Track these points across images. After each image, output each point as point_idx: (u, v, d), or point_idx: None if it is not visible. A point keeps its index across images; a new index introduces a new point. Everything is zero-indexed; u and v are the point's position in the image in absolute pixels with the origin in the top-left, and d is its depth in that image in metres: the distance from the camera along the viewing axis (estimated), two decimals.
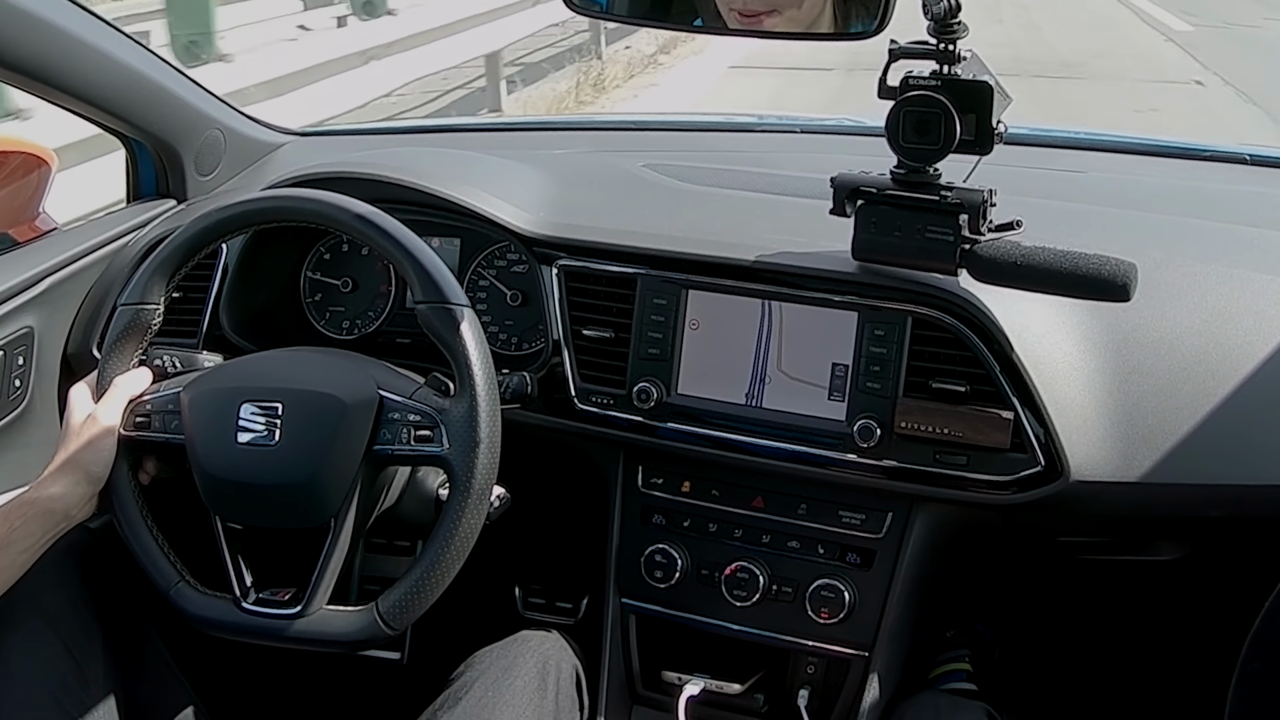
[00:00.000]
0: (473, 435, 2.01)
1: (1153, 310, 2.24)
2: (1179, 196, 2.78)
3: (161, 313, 2.20)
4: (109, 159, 3.84)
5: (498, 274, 2.64)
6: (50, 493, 2.06)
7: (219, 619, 2.09)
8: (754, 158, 3.07)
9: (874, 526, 2.34)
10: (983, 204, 2.07)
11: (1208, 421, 2.19)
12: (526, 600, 3.17)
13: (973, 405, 2.19)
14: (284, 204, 2.21)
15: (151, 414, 2.16)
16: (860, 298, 2.25)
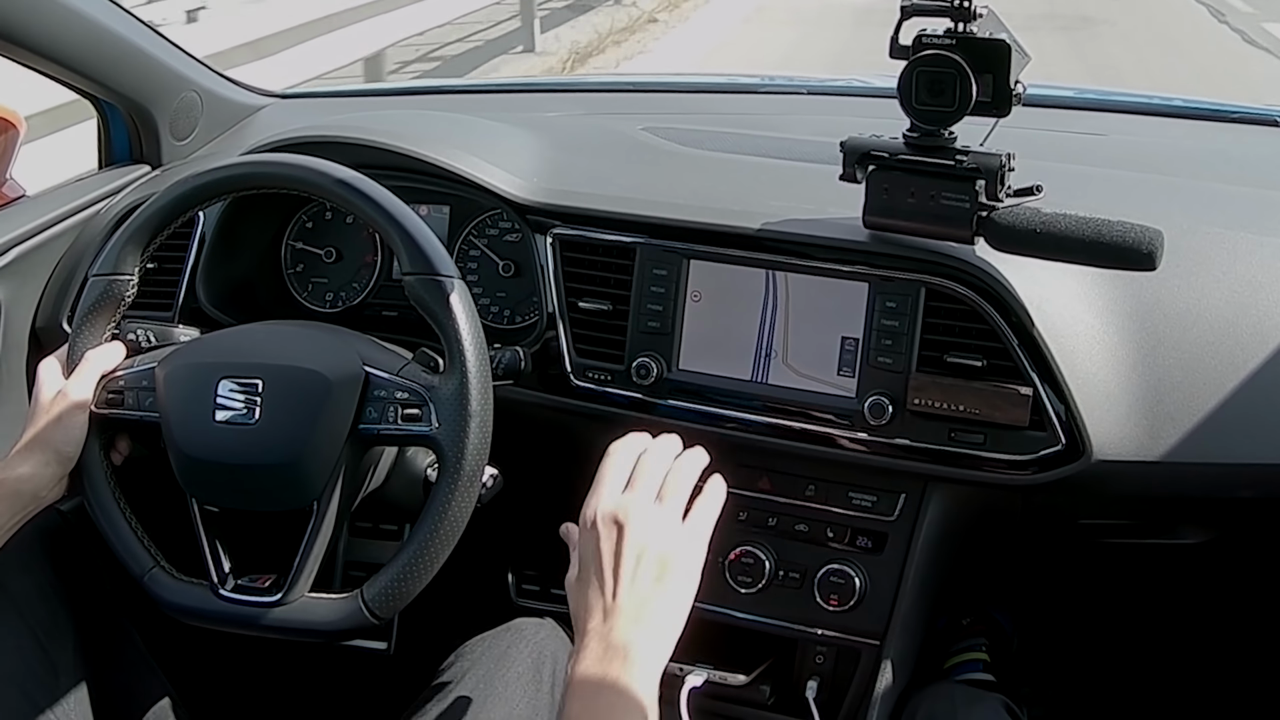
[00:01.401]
0: (463, 414, 1.94)
1: (1179, 280, 2.17)
2: (1206, 160, 2.71)
3: (136, 284, 2.15)
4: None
5: (489, 243, 2.57)
6: (18, 473, 2.00)
7: (195, 606, 2.03)
8: (759, 120, 3.01)
9: (886, 509, 2.28)
10: (1000, 168, 1.99)
11: (1237, 397, 2.12)
12: (520, 587, 3.13)
13: (990, 381, 2.12)
14: (264, 169, 2.14)
15: (125, 390, 2.10)
16: (871, 268, 2.18)
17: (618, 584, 1.75)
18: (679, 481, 1.87)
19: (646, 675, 1.69)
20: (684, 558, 1.81)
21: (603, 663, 1.68)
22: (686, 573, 1.81)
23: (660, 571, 1.77)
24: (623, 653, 1.68)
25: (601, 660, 1.68)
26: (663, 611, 1.76)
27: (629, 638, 1.70)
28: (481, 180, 2.45)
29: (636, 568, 1.76)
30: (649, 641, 1.72)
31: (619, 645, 1.69)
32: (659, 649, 1.73)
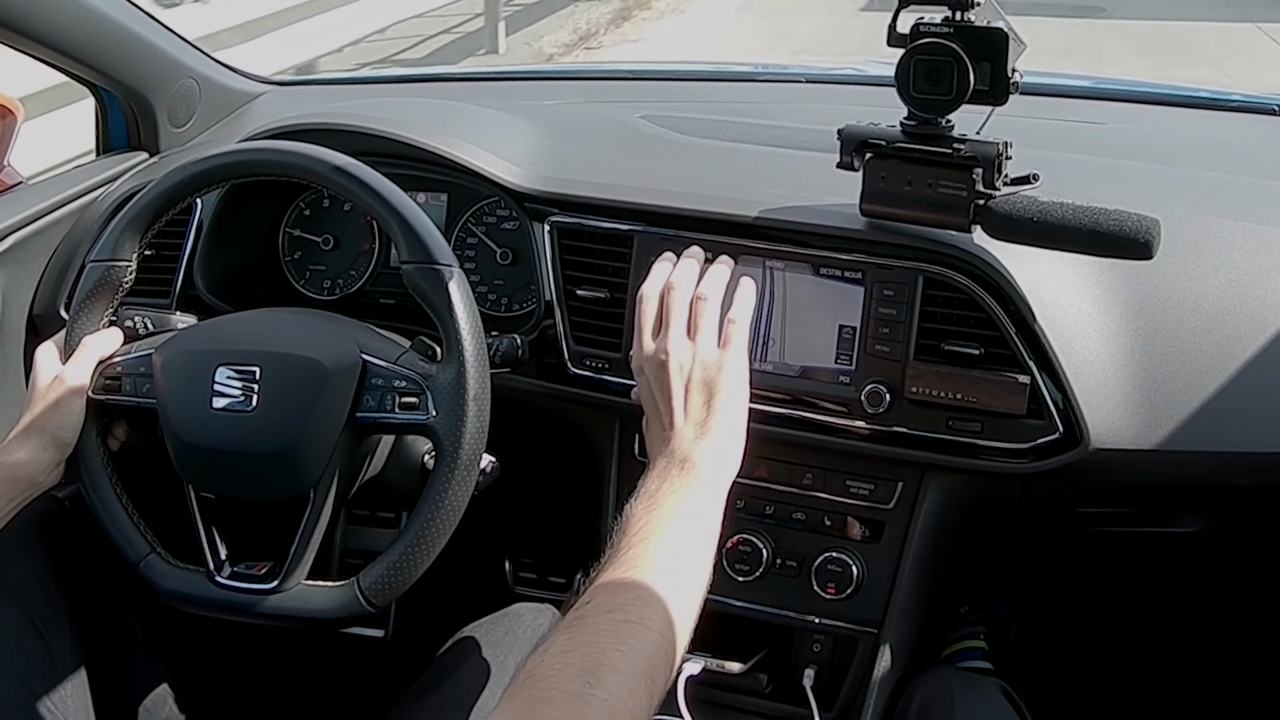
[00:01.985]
0: (460, 403, 1.94)
1: (1176, 269, 2.17)
2: (1204, 149, 2.71)
3: (133, 270, 2.14)
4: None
5: (487, 231, 2.57)
6: (15, 458, 1.99)
7: (191, 593, 2.03)
8: (756, 109, 3.00)
9: (883, 497, 2.28)
10: (998, 157, 1.99)
11: (1234, 385, 2.12)
12: (517, 575, 3.14)
13: (987, 369, 2.11)
14: (262, 157, 2.14)
15: (122, 376, 2.10)
16: (868, 256, 2.17)
17: (672, 415, 1.92)
18: (706, 310, 1.99)
19: (707, 485, 1.84)
20: (727, 378, 1.95)
21: (666, 472, 1.83)
22: (733, 392, 1.95)
23: (708, 395, 1.93)
24: (683, 463, 1.86)
25: (665, 471, 1.84)
26: (718, 429, 1.91)
27: (689, 451, 1.87)
28: (479, 168, 2.44)
29: (686, 398, 1.93)
30: (709, 456, 1.87)
31: (680, 458, 1.86)
32: (721, 463, 1.89)
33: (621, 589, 1.63)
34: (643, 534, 1.71)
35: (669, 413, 1.91)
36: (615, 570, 1.66)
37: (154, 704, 2.33)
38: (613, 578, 1.65)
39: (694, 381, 1.92)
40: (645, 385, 1.97)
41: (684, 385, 1.92)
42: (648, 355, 1.97)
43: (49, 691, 2.04)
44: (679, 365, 1.93)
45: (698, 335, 1.96)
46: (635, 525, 1.73)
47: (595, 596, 1.61)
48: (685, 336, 1.96)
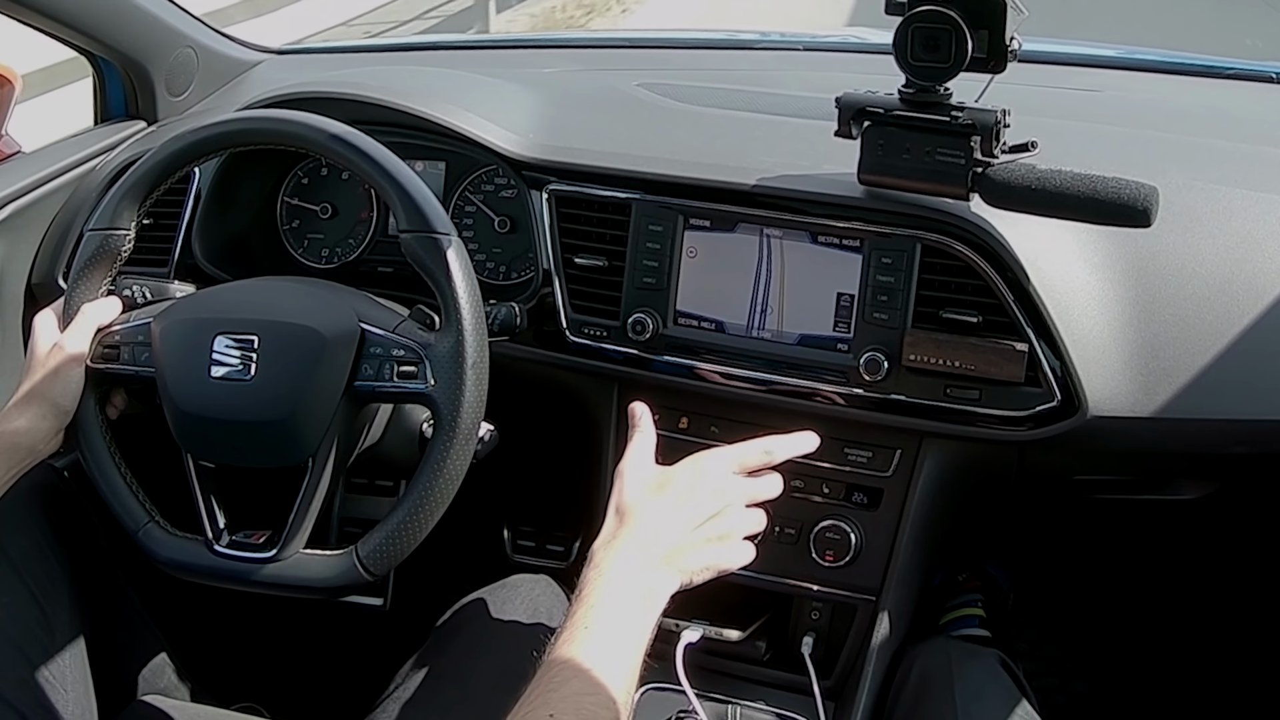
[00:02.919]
0: (459, 371, 1.94)
1: (1174, 236, 2.17)
2: (1202, 116, 2.70)
3: (132, 239, 2.14)
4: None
5: (485, 199, 2.57)
6: (14, 426, 1.99)
7: (189, 562, 2.03)
8: (754, 77, 2.99)
9: (881, 465, 2.28)
10: (996, 125, 1.99)
11: (1231, 352, 2.12)
12: (516, 543, 3.14)
13: (985, 337, 2.11)
14: (261, 125, 2.13)
15: (120, 345, 2.09)
16: (866, 224, 2.17)
17: (684, 532, 1.87)
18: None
19: (651, 617, 1.80)
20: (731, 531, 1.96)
21: (632, 595, 1.78)
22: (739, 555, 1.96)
23: (712, 534, 1.92)
24: (648, 593, 1.80)
25: (633, 592, 1.79)
26: (691, 570, 1.89)
27: (655, 582, 1.82)
28: (477, 136, 2.44)
29: (699, 527, 1.90)
30: (669, 587, 1.84)
31: (646, 586, 1.81)
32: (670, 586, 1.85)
33: None
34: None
35: (678, 535, 1.87)
36: None
37: (152, 673, 2.33)
38: None
39: (710, 523, 1.91)
40: (684, 485, 1.92)
41: (705, 518, 1.90)
42: (718, 467, 1.95)
43: (48, 661, 2.04)
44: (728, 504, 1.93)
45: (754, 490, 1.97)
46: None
47: None
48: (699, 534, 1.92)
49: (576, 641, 1.66)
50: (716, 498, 1.91)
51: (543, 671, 1.63)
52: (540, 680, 1.62)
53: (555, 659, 1.64)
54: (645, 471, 1.93)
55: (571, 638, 1.66)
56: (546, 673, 1.63)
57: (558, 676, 1.62)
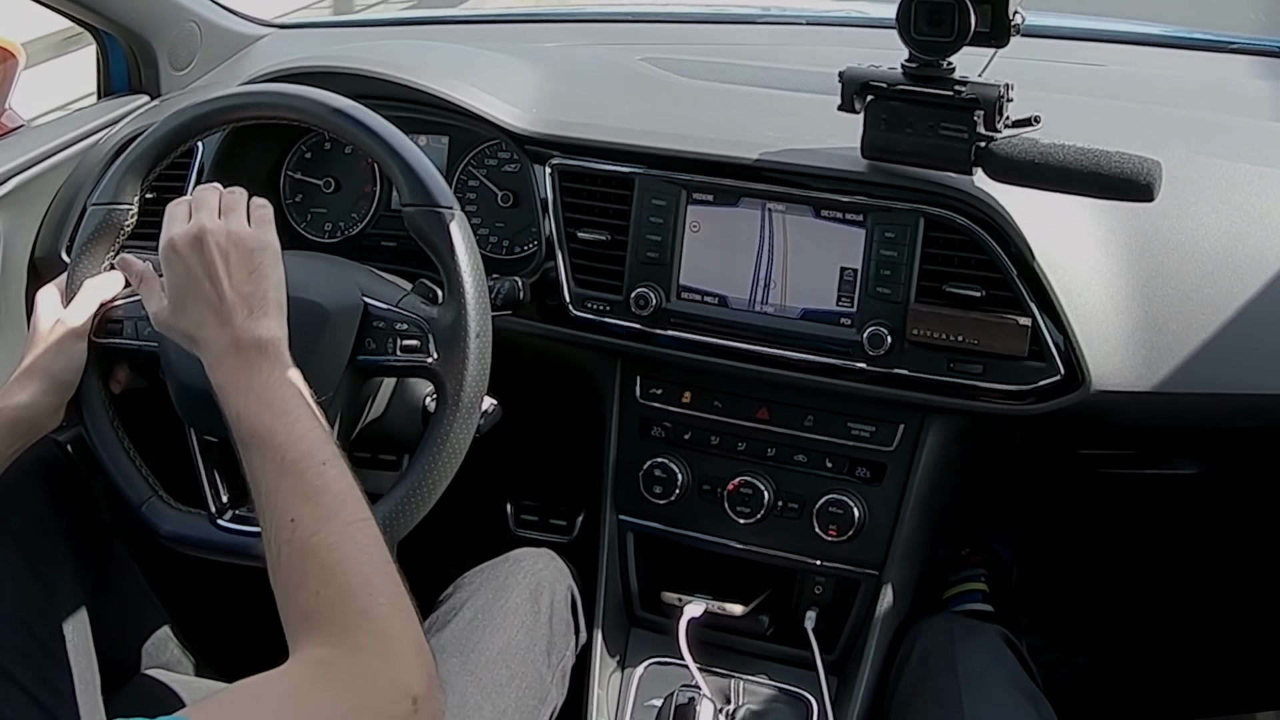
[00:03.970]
0: (462, 346, 1.93)
1: (1177, 211, 2.17)
2: (1205, 91, 2.69)
3: (135, 214, 2.13)
4: None
5: (488, 173, 2.56)
6: (16, 401, 1.98)
7: (192, 536, 2.03)
8: (758, 51, 2.98)
9: (884, 439, 2.27)
10: (999, 99, 1.99)
11: (1234, 327, 2.12)
12: (518, 518, 3.14)
13: (988, 311, 2.11)
14: (264, 100, 2.13)
15: (124, 320, 2.08)
16: (870, 198, 2.17)
17: (219, 287, 1.83)
18: (232, 197, 1.95)
19: (280, 357, 1.79)
20: (264, 245, 1.90)
21: (244, 364, 1.77)
22: (273, 256, 1.90)
23: (250, 263, 1.86)
24: (256, 346, 1.79)
25: (240, 362, 1.77)
26: (269, 299, 1.85)
27: (254, 331, 1.80)
28: (480, 111, 2.43)
29: (228, 268, 1.85)
30: (270, 330, 1.82)
31: (249, 340, 1.79)
32: (279, 333, 1.83)
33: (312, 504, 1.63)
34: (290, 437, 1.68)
35: (214, 286, 1.83)
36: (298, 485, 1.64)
37: (155, 647, 2.33)
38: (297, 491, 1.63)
39: (234, 252, 1.86)
40: (178, 264, 1.87)
41: (223, 257, 1.85)
42: (179, 235, 1.88)
43: (50, 636, 2.03)
44: (216, 238, 1.86)
45: (229, 214, 1.92)
46: (270, 432, 1.69)
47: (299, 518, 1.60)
48: (216, 216, 1.91)
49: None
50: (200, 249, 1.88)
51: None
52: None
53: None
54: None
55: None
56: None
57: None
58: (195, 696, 2.20)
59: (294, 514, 1.60)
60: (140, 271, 1.97)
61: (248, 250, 1.87)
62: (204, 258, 1.86)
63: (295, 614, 1.53)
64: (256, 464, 1.68)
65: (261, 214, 1.95)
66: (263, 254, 1.88)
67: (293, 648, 1.51)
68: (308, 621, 1.51)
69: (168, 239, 1.90)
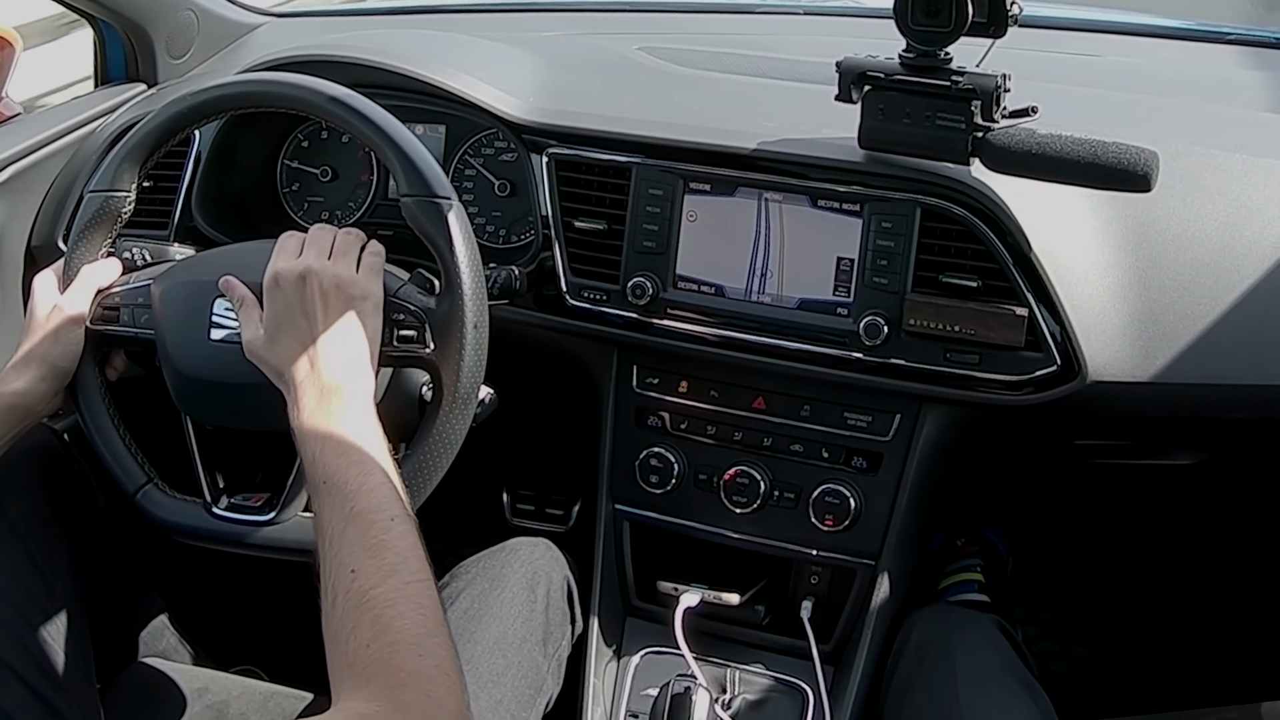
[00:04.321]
0: (458, 337, 1.94)
1: (1174, 201, 2.17)
2: (1202, 81, 2.70)
3: (132, 201, 2.13)
4: None
5: (485, 163, 2.56)
6: (13, 388, 1.98)
7: (188, 524, 2.03)
8: (755, 41, 2.99)
9: (881, 429, 2.27)
10: (996, 90, 1.99)
11: (1231, 318, 2.12)
12: (515, 507, 3.15)
13: (985, 301, 2.11)
14: (262, 88, 2.12)
15: (120, 306, 2.09)
16: (867, 188, 2.17)
17: (314, 328, 1.87)
18: (346, 240, 1.98)
19: (364, 406, 1.83)
20: (366, 294, 1.94)
21: (326, 408, 1.79)
22: (373, 306, 1.94)
23: (347, 306, 1.90)
24: (340, 392, 1.82)
25: (323, 406, 1.79)
26: (359, 345, 1.90)
27: (339, 378, 1.83)
28: (477, 100, 2.43)
29: (326, 309, 1.89)
30: (356, 378, 1.86)
31: (332, 386, 1.82)
32: (365, 383, 1.88)
33: (375, 558, 1.62)
34: (362, 487, 1.70)
35: (309, 324, 1.88)
36: (363, 536, 1.64)
37: (151, 636, 2.34)
38: (361, 543, 1.63)
39: (334, 294, 1.90)
40: (279, 298, 1.90)
41: (323, 297, 1.89)
42: (287, 269, 1.92)
43: (47, 624, 2.03)
44: (321, 277, 1.90)
45: (338, 257, 1.95)
46: (343, 480, 1.70)
47: (365, 567, 1.60)
48: (326, 256, 1.95)
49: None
50: (303, 287, 1.92)
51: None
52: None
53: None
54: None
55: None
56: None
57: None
58: (192, 685, 2.21)
59: (355, 565, 1.59)
60: (242, 296, 1.97)
61: (349, 296, 1.90)
62: (304, 296, 1.89)
63: (343, 663, 1.53)
64: (325, 509, 1.69)
65: (372, 262, 1.98)
66: (363, 302, 1.92)
67: (336, 696, 1.51)
68: (354, 672, 1.51)
69: (274, 271, 1.93)
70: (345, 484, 1.68)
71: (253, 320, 1.93)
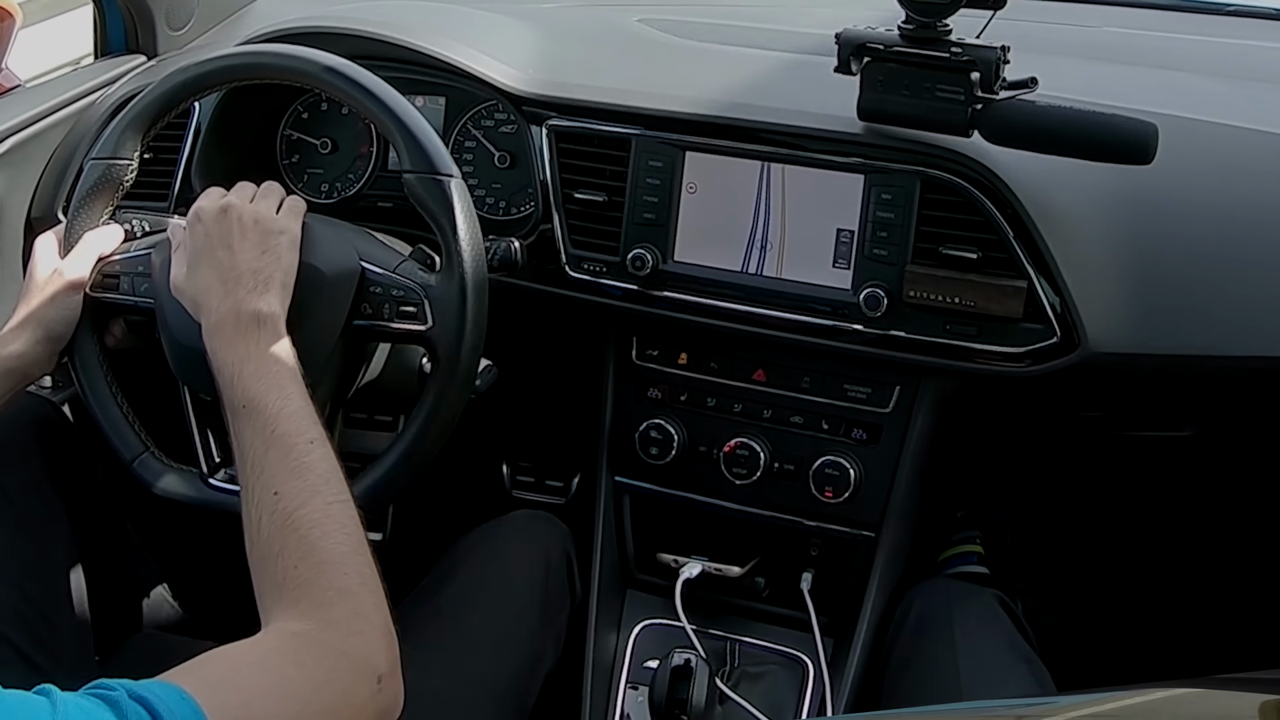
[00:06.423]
0: (458, 314, 1.94)
1: (1174, 172, 2.14)
2: (1201, 53, 2.70)
3: (134, 170, 2.13)
4: None
5: (485, 134, 2.55)
6: (10, 351, 2.00)
7: (184, 492, 2.05)
8: (755, 13, 2.98)
9: (880, 400, 2.27)
10: (996, 61, 1.99)
11: (1231, 289, 2.13)
12: (515, 479, 3.14)
13: (985, 273, 2.11)
14: (265, 60, 2.12)
15: (120, 275, 2.09)
16: (866, 159, 2.17)
17: (231, 257, 1.88)
18: (269, 186, 2.02)
19: (279, 331, 1.83)
20: (283, 230, 1.95)
21: (241, 333, 1.81)
22: (289, 241, 1.95)
23: (265, 243, 1.91)
24: (255, 318, 1.83)
25: (238, 331, 1.81)
26: (274, 278, 1.89)
27: (255, 304, 1.84)
28: (478, 71, 2.43)
29: (244, 242, 1.90)
30: (272, 306, 1.86)
31: (249, 312, 1.83)
32: (280, 311, 1.87)
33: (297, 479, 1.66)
34: (282, 410, 1.73)
35: (229, 253, 1.89)
36: (284, 459, 1.67)
37: (151, 607, 2.34)
38: (283, 465, 1.67)
39: (253, 229, 1.91)
40: (200, 231, 1.93)
41: (242, 229, 1.91)
42: (210, 205, 1.94)
43: (45, 595, 2.04)
44: (242, 212, 1.92)
45: (260, 200, 1.98)
46: (263, 403, 1.74)
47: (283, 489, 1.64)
48: (249, 198, 1.97)
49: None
50: (223, 219, 1.94)
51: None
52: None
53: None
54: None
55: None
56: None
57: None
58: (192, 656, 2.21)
59: (278, 487, 1.63)
60: (180, 241, 1.98)
61: (266, 230, 1.91)
62: (222, 227, 1.91)
63: (271, 584, 1.56)
64: (245, 432, 1.72)
65: (293, 205, 2.00)
66: (280, 236, 1.93)
67: (265, 617, 1.54)
68: (283, 593, 1.54)
69: (196, 207, 1.96)
70: (265, 407, 1.72)
71: (180, 260, 1.95)
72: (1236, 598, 3.00)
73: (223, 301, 1.84)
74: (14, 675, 1.89)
